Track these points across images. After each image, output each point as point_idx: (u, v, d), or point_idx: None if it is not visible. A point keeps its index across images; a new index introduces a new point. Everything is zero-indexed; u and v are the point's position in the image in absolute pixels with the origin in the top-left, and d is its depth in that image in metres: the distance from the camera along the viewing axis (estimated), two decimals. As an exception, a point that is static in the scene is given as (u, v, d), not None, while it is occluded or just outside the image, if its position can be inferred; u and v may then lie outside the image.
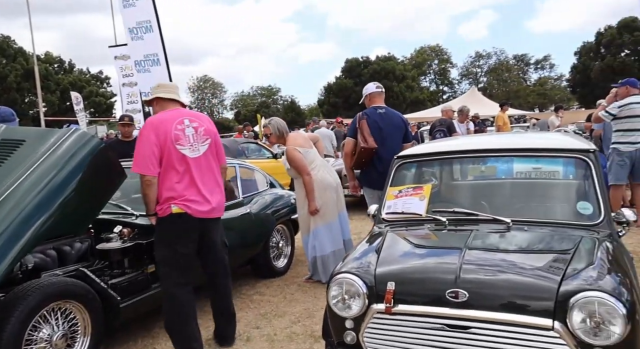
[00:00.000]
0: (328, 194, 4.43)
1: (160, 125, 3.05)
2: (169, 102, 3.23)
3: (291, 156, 4.38)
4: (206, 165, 3.17)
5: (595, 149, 2.77)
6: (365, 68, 49.11)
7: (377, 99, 4.60)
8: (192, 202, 3.06)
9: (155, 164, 3.00)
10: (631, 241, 5.21)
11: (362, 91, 4.70)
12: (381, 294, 2.22)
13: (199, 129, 3.17)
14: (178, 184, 3.04)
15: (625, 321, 1.81)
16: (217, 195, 3.22)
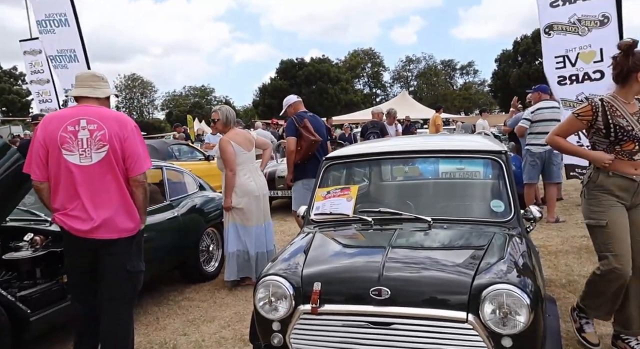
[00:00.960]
0: (246, 200, 4.44)
1: (49, 124, 2.64)
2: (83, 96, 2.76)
3: (223, 147, 4.40)
4: (99, 176, 2.63)
5: (507, 150, 2.98)
6: (300, 70, 49.39)
7: (300, 106, 5.26)
8: (70, 218, 2.62)
9: (41, 167, 2.63)
10: (541, 235, 5.65)
11: (283, 103, 5.33)
12: (308, 295, 2.24)
13: (95, 133, 2.63)
14: (62, 195, 2.64)
15: (529, 310, 1.96)
16: (106, 212, 2.64)
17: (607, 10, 5.08)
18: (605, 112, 2.77)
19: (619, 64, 2.77)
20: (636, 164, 2.78)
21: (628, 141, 2.76)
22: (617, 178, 2.77)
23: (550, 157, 6.32)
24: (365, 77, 61.63)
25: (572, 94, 5.49)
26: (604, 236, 2.78)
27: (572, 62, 5.43)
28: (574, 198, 7.99)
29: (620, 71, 2.77)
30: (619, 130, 2.74)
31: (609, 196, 2.78)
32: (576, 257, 4.75)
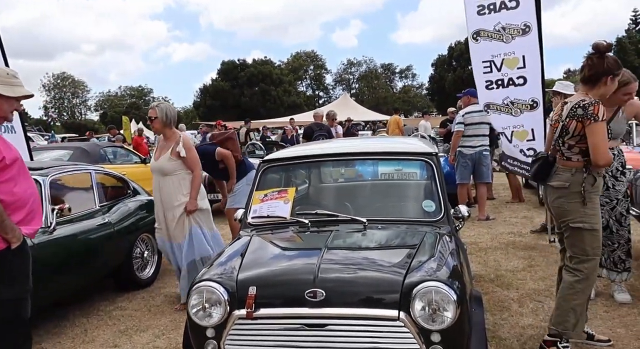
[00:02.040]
0: (207, 202, 4.16)
1: None
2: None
3: (190, 145, 4.02)
4: None
5: (437, 152, 3.09)
6: (242, 71, 48.82)
7: None
8: None
9: None
10: (473, 233, 5.93)
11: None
12: (243, 300, 2.20)
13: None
14: None
15: (456, 306, 2.04)
16: None
17: (529, 20, 5.41)
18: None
19: (595, 66, 2.71)
20: None
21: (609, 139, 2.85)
22: (600, 178, 2.79)
23: (480, 158, 6.66)
24: (308, 79, 61.94)
25: (499, 99, 5.77)
26: (594, 240, 2.73)
27: (498, 67, 5.71)
28: (504, 197, 8.46)
29: (595, 73, 2.71)
30: (610, 131, 2.88)
31: (598, 198, 2.79)
32: (504, 253, 5.02)
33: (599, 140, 2.64)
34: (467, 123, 6.66)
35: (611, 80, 2.72)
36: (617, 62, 2.73)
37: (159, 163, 3.98)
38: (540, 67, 5.43)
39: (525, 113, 5.60)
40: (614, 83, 2.75)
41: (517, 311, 3.47)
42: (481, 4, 5.61)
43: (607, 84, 2.72)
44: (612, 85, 2.75)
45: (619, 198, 3.51)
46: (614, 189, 3.50)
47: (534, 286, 3.94)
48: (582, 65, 2.85)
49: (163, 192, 3.96)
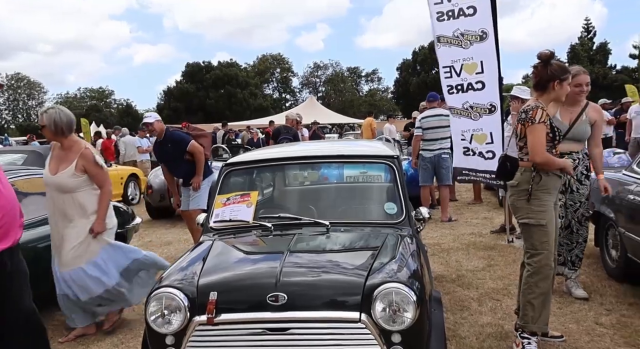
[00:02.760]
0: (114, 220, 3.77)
1: None
2: None
3: (97, 159, 3.54)
4: None
5: (399, 155, 3.15)
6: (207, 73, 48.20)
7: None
8: None
9: None
10: (436, 234, 6.05)
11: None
12: (204, 306, 2.17)
13: None
14: None
15: (416, 306, 2.07)
16: None
17: (486, 27, 5.57)
18: (547, 116, 2.91)
19: (540, 73, 2.91)
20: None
21: (558, 143, 3.00)
22: (553, 177, 2.91)
23: (439, 161, 6.82)
24: (274, 82, 61.77)
25: (459, 103, 5.91)
26: (541, 235, 2.86)
27: (458, 72, 5.85)
28: (466, 198, 8.68)
29: (540, 79, 2.92)
30: (558, 133, 2.96)
31: (547, 196, 2.89)
32: (465, 253, 5.15)
33: (534, 140, 2.85)
34: (425, 127, 6.85)
35: (559, 85, 2.88)
36: (561, 68, 2.90)
37: (58, 179, 3.43)
38: (498, 72, 5.59)
39: (484, 117, 5.75)
40: (563, 87, 2.90)
41: (476, 309, 3.57)
42: (440, 11, 5.74)
43: (556, 88, 2.89)
44: (562, 89, 2.90)
45: (582, 201, 3.65)
46: (578, 193, 3.62)
47: (492, 285, 4.06)
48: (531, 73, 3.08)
49: (60, 212, 3.46)
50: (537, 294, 2.86)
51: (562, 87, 2.89)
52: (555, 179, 2.92)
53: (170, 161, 5.22)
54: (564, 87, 2.90)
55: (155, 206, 8.36)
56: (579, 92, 3.46)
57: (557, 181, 2.94)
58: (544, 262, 2.86)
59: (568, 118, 3.49)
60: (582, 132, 3.53)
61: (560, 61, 3.07)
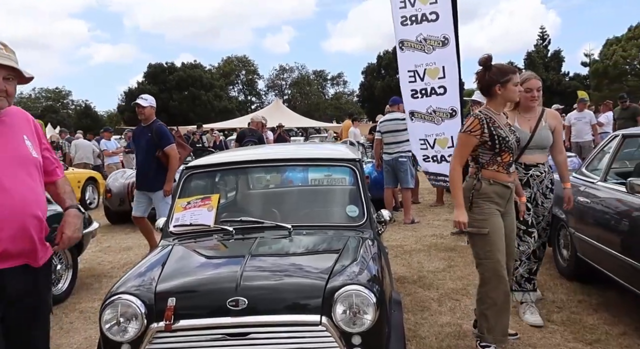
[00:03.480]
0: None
1: None
2: None
3: None
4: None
5: (360, 158, 3.18)
6: (170, 74, 47.26)
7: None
8: None
9: None
10: (399, 236, 6.14)
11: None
12: (162, 312, 2.13)
13: None
14: None
15: (375, 308, 2.10)
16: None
17: (447, 33, 5.71)
18: (488, 124, 2.80)
19: (480, 79, 2.89)
20: (511, 174, 2.91)
21: (506, 152, 2.83)
22: (497, 186, 2.83)
23: (397, 164, 6.95)
24: (239, 84, 61.23)
25: (423, 107, 6.01)
26: (484, 244, 2.80)
27: (421, 77, 5.96)
28: (428, 200, 8.85)
29: (482, 86, 2.89)
30: (501, 141, 2.79)
31: (490, 204, 2.81)
32: (426, 255, 5.25)
33: (455, 149, 3.00)
34: (383, 131, 6.97)
35: (503, 88, 2.81)
36: (500, 70, 2.82)
37: None
38: (458, 77, 5.74)
39: (446, 121, 5.87)
40: (508, 89, 2.81)
41: (436, 310, 3.64)
42: (404, 15, 5.83)
43: (500, 92, 2.82)
44: (508, 91, 2.82)
45: (545, 215, 3.50)
46: (542, 207, 3.46)
47: (452, 286, 4.15)
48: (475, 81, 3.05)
49: None
50: (488, 305, 2.82)
51: (507, 89, 2.81)
52: (498, 188, 2.84)
53: (142, 151, 5.03)
54: (509, 89, 2.82)
55: (115, 210, 8.12)
56: (531, 98, 3.37)
57: (500, 189, 2.85)
58: (491, 272, 2.79)
59: (528, 126, 3.38)
60: (544, 138, 3.39)
61: (512, 65, 3.00)
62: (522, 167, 3.36)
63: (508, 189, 2.89)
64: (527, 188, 3.35)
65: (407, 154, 6.94)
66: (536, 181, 3.40)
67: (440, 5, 5.72)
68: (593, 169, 4.04)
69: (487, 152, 2.83)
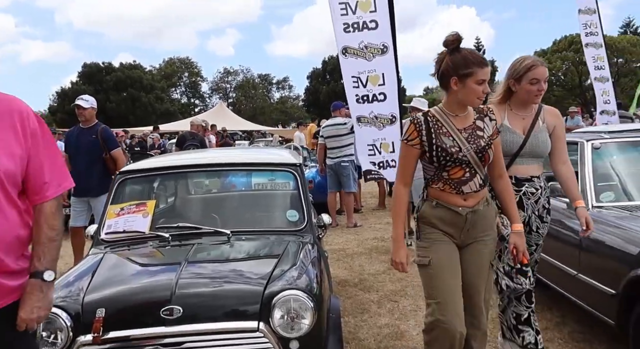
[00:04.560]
0: None
1: None
2: None
3: None
4: None
5: (301, 163, 3.19)
6: (108, 75, 45.32)
7: None
8: None
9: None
10: (341, 239, 6.22)
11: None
12: (90, 324, 2.03)
13: None
14: None
15: (313, 312, 2.11)
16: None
17: (386, 41, 5.88)
18: (428, 130, 2.14)
19: (437, 63, 2.17)
20: (466, 196, 2.16)
21: (453, 166, 2.13)
22: (441, 210, 2.17)
23: (339, 169, 7.05)
24: (182, 86, 59.74)
25: (367, 112, 6.12)
26: (426, 278, 2.21)
27: (364, 83, 6.08)
28: (370, 204, 9.03)
29: (438, 73, 2.17)
30: (440, 152, 2.12)
31: (433, 229, 2.21)
32: (367, 257, 5.34)
33: (398, 162, 2.27)
34: (325, 136, 7.06)
35: (460, 83, 2.09)
36: (465, 60, 2.08)
37: None
38: (397, 84, 5.91)
39: (387, 127, 6.01)
40: (466, 88, 2.08)
41: (376, 312, 3.71)
42: (346, 22, 5.93)
43: (455, 87, 2.10)
44: (464, 90, 2.09)
45: (539, 243, 2.68)
46: (536, 233, 2.63)
47: (392, 288, 4.25)
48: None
49: None
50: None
51: (465, 86, 2.08)
52: (443, 212, 2.18)
53: (83, 154, 4.69)
54: (467, 87, 2.08)
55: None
56: (537, 92, 2.50)
57: (446, 214, 2.18)
58: (433, 317, 2.14)
59: (521, 126, 2.56)
60: (542, 143, 2.57)
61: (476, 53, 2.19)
62: (513, 182, 2.48)
63: (459, 216, 2.17)
64: (520, 210, 2.51)
65: (349, 158, 7.05)
66: (531, 200, 2.57)
67: (379, 14, 5.86)
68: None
69: (428, 166, 2.21)
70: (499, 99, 2.64)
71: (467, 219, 2.19)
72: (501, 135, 2.38)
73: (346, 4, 5.90)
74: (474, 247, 2.25)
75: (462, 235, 2.23)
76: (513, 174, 2.55)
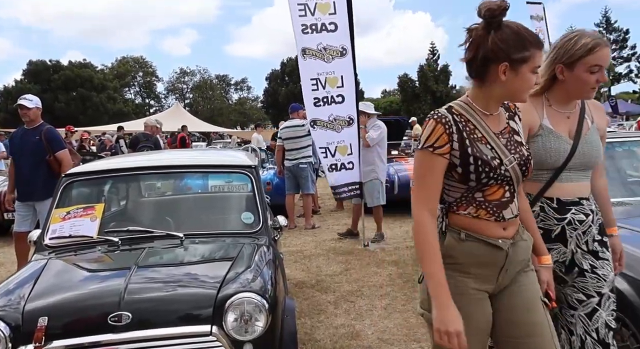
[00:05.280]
0: None
1: None
2: None
3: None
4: None
5: (256, 164, 3.17)
6: (55, 73, 43.42)
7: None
8: None
9: None
10: (299, 241, 6.22)
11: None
12: (31, 334, 1.94)
13: None
14: None
15: (267, 314, 2.09)
16: None
17: (345, 43, 5.94)
18: (460, 133, 1.52)
19: (474, 43, 1.50)
20: (505, 223, 1.56)
21: (494, 184, 1.53)
22: (473, 244, 1.54)
23: (297, 170, 7.06)
24: (136, 86, 58.02)
25: (325, 115, 6.12)
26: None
27: (323, 85, 6.10)
28: (328, 205, 9.08)
29: (474, 57, 1.51)
30: (482, 167, 1.51)
31: (460, 275, 1.54)
32: (325, 258, 5.37)
33: (414, 179, 1.60)
34: (284, 138, 7.06)
35: (511, 71, 1.48)
36: (521, 38, 1.47)
37: None
38: (355, 87, 5.98)
39: (345, 129, 6.07)
40: (519, 77, 1.49)
41: (332, 312, 3.73)
42: (305, 24, 5.94)
43: (504, 76, 1.48)
44: (517, 81, 1.49)
45: (603, 292, 1.82)
46: (593, 275, 1.84)
47: (348, 288, 4.29)
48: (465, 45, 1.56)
49: None
50: None
51: (518, 75, 1.48)
52: (477, 247, 1.54)
53: (27, 156, 4.51)
54: (521, 76, 1.49)
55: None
56: (594, 83, 1.82)
57: (483, 250, 1.54)
58: None
59: (566, 128, 1.90)
60: (594, 150, 1.89)
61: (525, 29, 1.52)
62: (554, 207, 1.87)
63: (498, 253, 1.55)
64: (559, 244, 1.86)
65: (307, 159, 7.06)
66: (578, 230, 1.86)
67: (338, 16, 5.93)
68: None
69: (457, 185, 1.56)
70: (536, 90, 1.88)
71: (508, 255, 1.57)
72: (541, 141, 1.81)
73: (305, 5, 5.92)
74: (514, 287, 1.61)
75: (500, 278, 1.58)
76: (555, 195, 1.85)
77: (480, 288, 1.57)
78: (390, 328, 3.38)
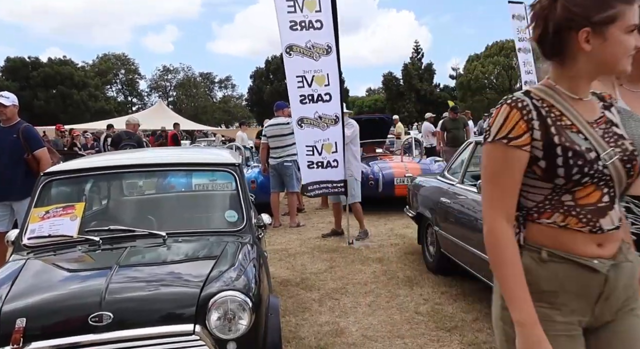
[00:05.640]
0: None
1: None
2: None
3: None
4: None
5: (240, 163, 3.15)
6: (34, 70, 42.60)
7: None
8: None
9: None
10: (284, 239, 6.21)
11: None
12: (9, 335, 1.90)
13: None
14: None
15: (251, 313, 2.09)
16: None
17: (330, 41, 5.93)
18: (544, 120, 1.22)
19: (541, 15, 1.23)
20: (603, 237, 1.23)
21: (589, 183, 1.21)
22: (559, 266, 1.22)
23: (282, 168, 7.04)
24: (118, 84, 57.22)
25: (311, 113, 6.08)
26: None
27: (309, 83, 6.07)
28: (313, 204, 9.07)
29: (544, 31, 1.23)
30: (573, 159, 1.19)
31: (541, 307, 1.20)
32: (310, 257, 5.36)
33: (483, 179, 1.29)
34: (269, 136, 7.03)
35: (597, 37, 1.18)
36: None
37: None
38: (340, 85, 5.98)
39: (331, 127, 6.06)
40: (611, 41, 1.18)
41: (317, 310, 3.73)
42: (293, 20, 5.89)
43: (587, 46, 1.19)
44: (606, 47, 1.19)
45: None
46: None
47: (333, 286, 4.30)
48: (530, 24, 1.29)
49: None
50: None
51: (607, 40, 1.18)
52: (566, 269, 1.23)
53: (4, 155, 4.38)
54: (613, 40, 1.18)
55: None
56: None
57: (575, 273, 1.23)
58: None
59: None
60: None
61: None
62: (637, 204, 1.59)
63: (594, 277, 1.23)
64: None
65: (292, 158, 7.04)
66: None
67: (324, 14, 5.91)
68: (454, 173, 4.47)
69: (539, 184, 1.25)
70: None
71: (607, 281, 1.23)
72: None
73: (294, 1, 5.89)
74: (619, 324, 1.28)
75: (597, 309, 1.25)
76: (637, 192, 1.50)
77: (571, 322, 1.23)
78: (374, 325, 3.39)
